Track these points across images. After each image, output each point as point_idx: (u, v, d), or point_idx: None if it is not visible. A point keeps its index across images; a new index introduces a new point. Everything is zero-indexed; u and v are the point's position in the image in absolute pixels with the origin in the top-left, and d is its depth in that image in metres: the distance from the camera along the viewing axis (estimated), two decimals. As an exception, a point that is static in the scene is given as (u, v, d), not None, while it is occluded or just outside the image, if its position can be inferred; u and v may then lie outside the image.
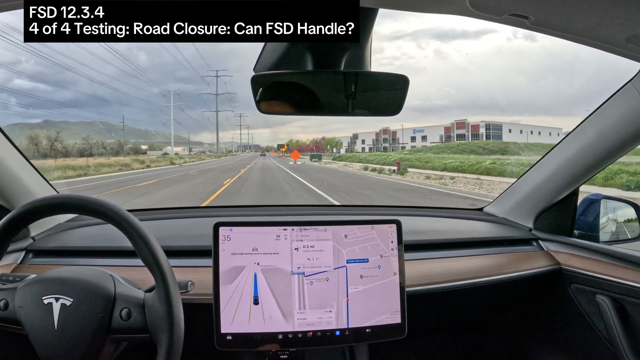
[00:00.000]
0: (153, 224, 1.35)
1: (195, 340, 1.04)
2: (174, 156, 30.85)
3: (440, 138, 28.67)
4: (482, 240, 1.36)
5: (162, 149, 33.50)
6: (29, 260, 1.16)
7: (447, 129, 28.45)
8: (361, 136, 35.78)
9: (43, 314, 0.82)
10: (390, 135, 32.86)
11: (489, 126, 26.55)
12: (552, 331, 1.38)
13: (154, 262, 0.81)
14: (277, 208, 1.58)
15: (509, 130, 26.51)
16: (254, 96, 0.88)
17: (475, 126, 26.76)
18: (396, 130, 32.49)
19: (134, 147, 32.02)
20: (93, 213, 0.83)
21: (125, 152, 30.32)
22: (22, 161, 1.18)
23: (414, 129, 31.33)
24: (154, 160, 26.83)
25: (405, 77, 0.88)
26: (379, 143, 33.61)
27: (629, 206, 1.34)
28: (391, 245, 1.06)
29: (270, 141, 52.76)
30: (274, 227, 1.03)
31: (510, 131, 26.58)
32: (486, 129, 26.56)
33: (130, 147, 31.74)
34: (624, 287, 1.12)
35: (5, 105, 31.27)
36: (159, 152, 32.44)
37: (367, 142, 35.05)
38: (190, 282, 0.94)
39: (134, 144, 32.74)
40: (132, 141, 31.97)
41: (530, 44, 53.25)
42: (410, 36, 52.57)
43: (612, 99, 1.07)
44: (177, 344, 0.81)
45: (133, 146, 32.23)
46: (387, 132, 33.02)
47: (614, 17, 0.72)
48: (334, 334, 1.01)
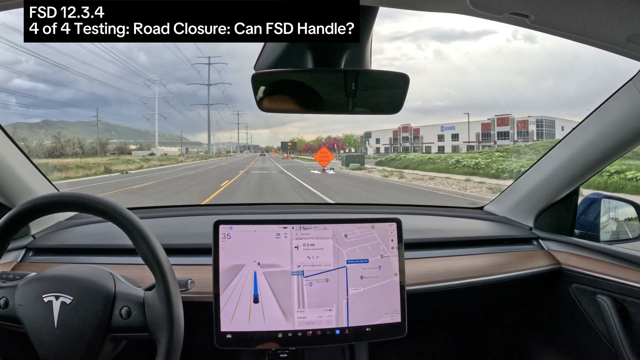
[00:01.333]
0: (153, 222, 1.35)
1: (195, 338, 1.04)
2: (159, 156, 27.48)
3: (476, 137, 24.13)
4: (482, 239, 1.36)
5: (151, 149, 31.34)
6: (29, 258, 1.16)
7: (486, 125, 23.99)
8: (375, 134, 31.02)
9: (43, 312, 0.82)
10: (411, 133, 28.39)
11: (541, 123, 22.34)
12: (552, 331, 1.38)
13: (154, 260, 0.82)
14: (276, 206, 1.58)
15: (562, 128, 21.97)
16: (254, 94, 0.88)
17: (523, 122, 22.78)
18: (419, 128, 28.32)
19: (120, 147, 29.97)
20: (93, 211, 0.83)
21: (110, 152, 28.13)
22: (22, 159, 1.18)
23: (442, 125, 26.94)
24: (123, 161, 22.16)
25: (406, 76, 0.88)
26: (397, 142, 29.23)
27: (629, 205, 1.34)
28: (391, 244, 1.06)
29: (270, 141, 52.21)
30: (274, 225, 1.03)
31: (562, 128, 21.96)
32: (537, 126, 22.42)
33: (116, 147, 29.57)
34: (624, 287, 1.11)
35: (4, 105, 31.05)
36: (146, 152, 30.30)
37: (383, 140, 30.33)
38: (190, 281, 0.94)
39: (121, 143, 31.09)
40: (113, 141, 30.42)
41: (530, 45, 53.14)
42: (410, 37, 52.63)
43: (613, 98, 1.07)
44: (177, 342, 0.81)
45: (119, 146, 30.25)
46: (407, 129, 28.54)
47: (614, 16, 0.72)
48: (333, 333, 1.01)
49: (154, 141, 34.89)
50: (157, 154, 29.59)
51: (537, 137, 22.07)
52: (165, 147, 33.89)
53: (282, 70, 0.91)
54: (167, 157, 27.77)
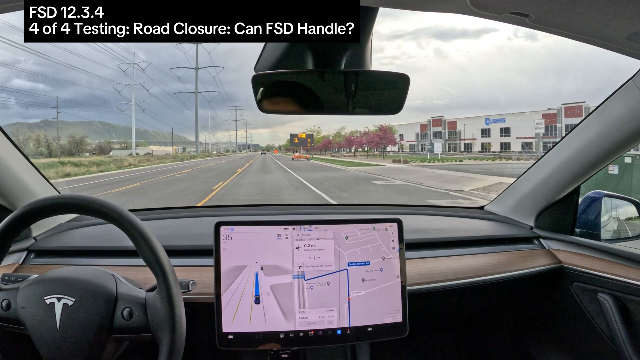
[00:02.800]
0: (154, 224, 1.36)
1: (196, 339, 1.04)
2: (128, 157, 25.65)
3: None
4: (483, 239, 1.36)
5: (131, 148, 30.47)
6: (31, 260, 1.16)
7: (550, 116, 19.12)
8: (400, 129, 24.51)
9: (45, 314, 0.82)
10: (445, 128, 21.93)
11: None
12: (553, 329, 1.38)
13: (156, 261, 0.82)
14: (278, 207, 1.58)
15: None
16: (254, 95, 0.88)
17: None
18: (455, 121, 21.90)
19: (99, 146, 29.23)
20: (95, 213, 0.83)
21: (91, 151, 27.15)
22: (23, 162, 1.18)
23: (487, 117, 21.08)
24: (75, 164, 19.97)
25: (406, 76, 0.88)
26: (425, 138, 22.92)
27: (630, 204, 1.34)
28: (392, 245, 1.06)
29: (271, 140, 51.85)
30: (275, 226, 1.03)
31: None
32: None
33: (95, 147, 28.81)
34: (625, 286, 1.11)
35: (3, 104, 30.74)
36: (127, 151, 29.42)
37: (408, 136, 24.40)
38: (192, 282, 0.94)
39: (101, 143, 30.23)
40: (89, 141, 29.30)
41: (531, 42, 52.88)
42: (411, 35, 52.31)
43: (613, 97, 1.07)
44: (179, 343, 0.81)
45: (98, 145, 29.49)
46: (440, 122, 21.92)
47: (614, 15, 0.72)
48: (335, 333, 1.02)
49: (154, 141, 34.24)
50: (141, 153, 28.14)
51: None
52: (155, 147, 32.45)
53: (282, 71, 0.91)
54: (115, 160, 24.76)
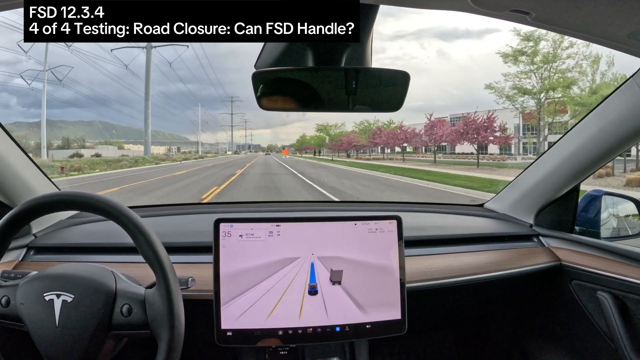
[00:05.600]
0: (154, 221, 1.36)
1: (195, 336, 1.04)
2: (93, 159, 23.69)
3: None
4: (482, 236, 1.36)
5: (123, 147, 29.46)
6: (30, 257, 1.16)
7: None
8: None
9: (44, 311, 0.82)
10: (521, 120, 16.11)
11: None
12: (552, 328, 1.38)
13: (155, 258, 0.82)
14: (277, 204, 1.58)
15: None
16: (254, 92, 0.88)
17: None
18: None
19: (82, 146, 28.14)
20: (94, 210, 0.83)
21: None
22: (23, 158, 1.18)
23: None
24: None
25: (406, 73, 0.88)
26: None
27: (630, 202, 1.33)
28: (392, 242, 1.06)
29: (272, 141, 51.38)
30: (275, 223, 1.03)
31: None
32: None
33: (79, 145, 27.74)
34: (625, 284, 1.12)
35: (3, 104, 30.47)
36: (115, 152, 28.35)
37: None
38: (191, 279, 0.94)
39: (94, 144, 29.22)
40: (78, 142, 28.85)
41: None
42: (413, 35, 52.06)
43: (614, 95, 1.07)
44: (178, 340, 0.81)
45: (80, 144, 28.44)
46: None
47: (615, 12, 0.71)
48: (334, 330, 1.02)
49: (154, 140, 33.74)
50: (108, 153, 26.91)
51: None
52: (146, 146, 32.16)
53: (283, 68, 0.91)
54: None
